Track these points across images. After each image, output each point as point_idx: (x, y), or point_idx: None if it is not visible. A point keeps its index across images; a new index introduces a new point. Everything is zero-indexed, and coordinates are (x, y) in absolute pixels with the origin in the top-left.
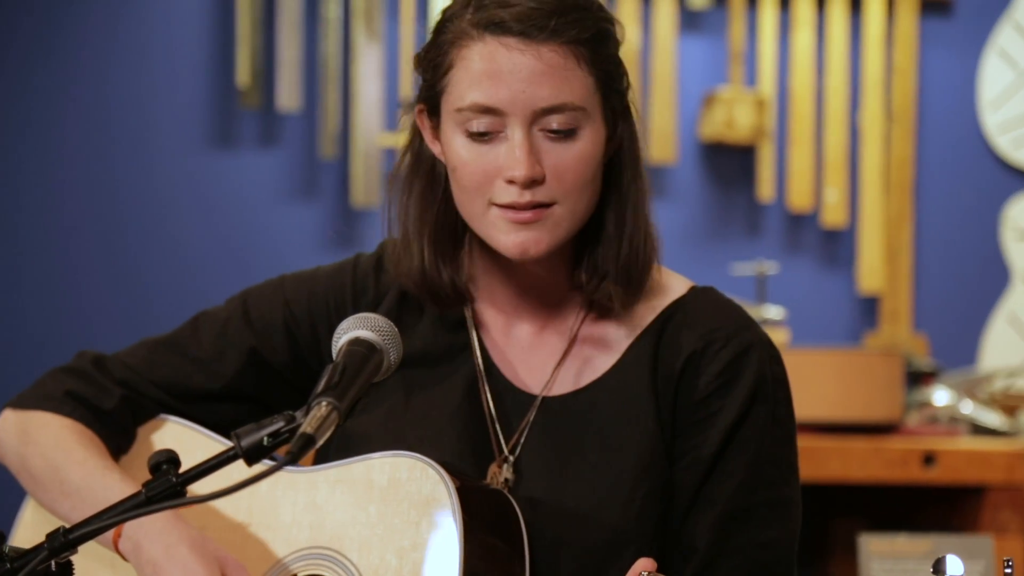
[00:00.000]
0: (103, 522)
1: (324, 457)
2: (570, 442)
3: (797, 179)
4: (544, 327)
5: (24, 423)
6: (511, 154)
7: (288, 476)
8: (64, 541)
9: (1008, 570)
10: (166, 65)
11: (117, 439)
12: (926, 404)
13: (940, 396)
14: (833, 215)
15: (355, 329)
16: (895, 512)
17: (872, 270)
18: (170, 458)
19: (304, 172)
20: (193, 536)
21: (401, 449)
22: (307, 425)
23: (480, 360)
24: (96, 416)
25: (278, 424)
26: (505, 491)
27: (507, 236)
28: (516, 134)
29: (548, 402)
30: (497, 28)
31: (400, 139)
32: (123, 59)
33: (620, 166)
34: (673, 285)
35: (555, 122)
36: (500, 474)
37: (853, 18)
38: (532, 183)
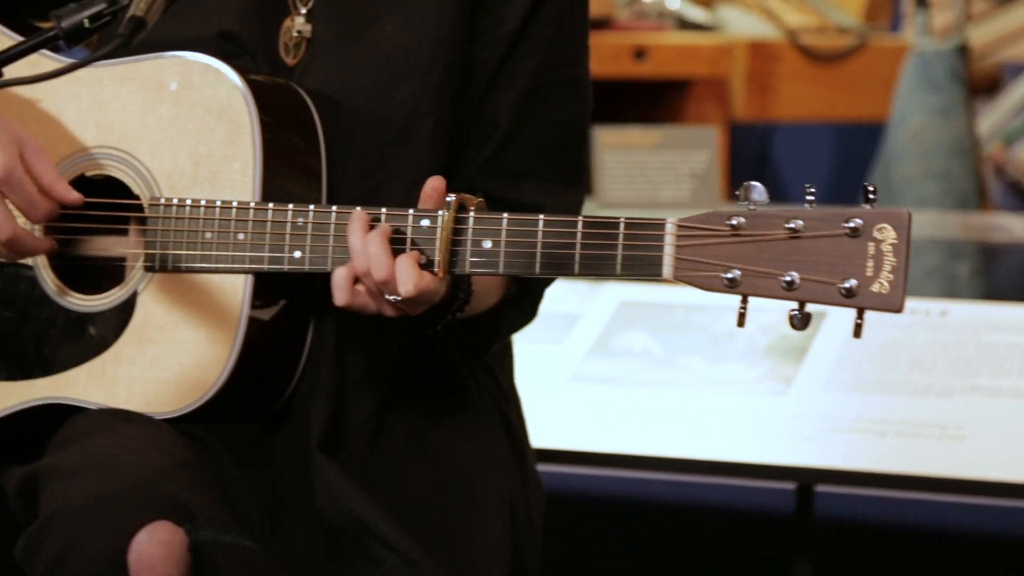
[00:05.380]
0: None
1: None
2: (366, 9)
3: None
4: None
5: None
6: None
7: None
8: None
9: (810, 197)
10: None
11: None
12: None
13: None
14: None
15: None
16: (602, 106)
17: None
18: None
19: None
20: None
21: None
22: (136, 7)
23: None
24: None
25: (99, 6)
26: (297, 67)
27: None
28: None
29: None
30: None
31: None
32: None
33: None
34: None
35: None
36: (293, 28)
37: None
38: None
